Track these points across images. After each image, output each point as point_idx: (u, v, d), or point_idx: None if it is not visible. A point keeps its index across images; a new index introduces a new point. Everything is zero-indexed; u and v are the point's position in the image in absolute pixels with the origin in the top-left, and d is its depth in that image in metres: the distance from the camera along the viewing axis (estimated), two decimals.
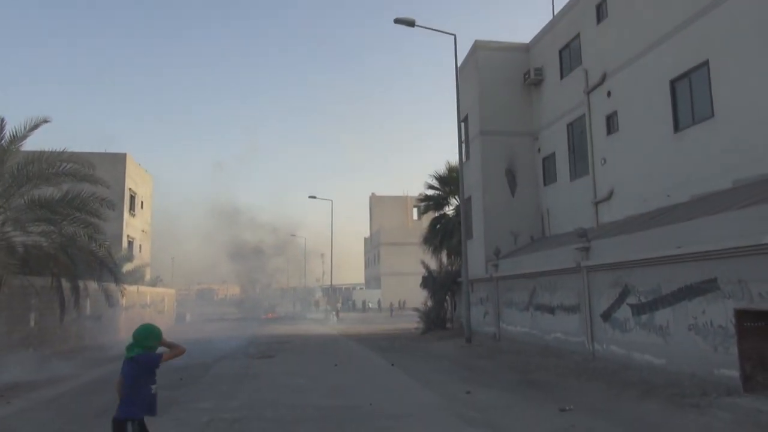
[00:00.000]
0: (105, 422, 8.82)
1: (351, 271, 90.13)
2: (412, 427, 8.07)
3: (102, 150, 39.76)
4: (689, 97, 14.06)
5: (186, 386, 12.13)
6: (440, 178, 28.12)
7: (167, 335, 5.39)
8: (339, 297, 64.50)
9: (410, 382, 12.38)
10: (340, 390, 11.31)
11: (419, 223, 52.29)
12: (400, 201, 77.83)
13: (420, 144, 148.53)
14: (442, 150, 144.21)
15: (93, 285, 20.82)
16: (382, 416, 8.72)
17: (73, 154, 18.80)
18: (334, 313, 50.03)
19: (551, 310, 16.37)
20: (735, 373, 8.65)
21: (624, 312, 12.53)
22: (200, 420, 8.61)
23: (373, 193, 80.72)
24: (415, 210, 66.96)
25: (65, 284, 18.43)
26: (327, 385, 11.96)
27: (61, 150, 17.95)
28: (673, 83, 14.56)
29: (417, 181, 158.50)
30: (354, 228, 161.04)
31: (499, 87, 22.88)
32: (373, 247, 77.20)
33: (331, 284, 58.63)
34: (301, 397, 10.49)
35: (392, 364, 15.65)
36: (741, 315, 8.36)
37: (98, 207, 17.84)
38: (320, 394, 10.93)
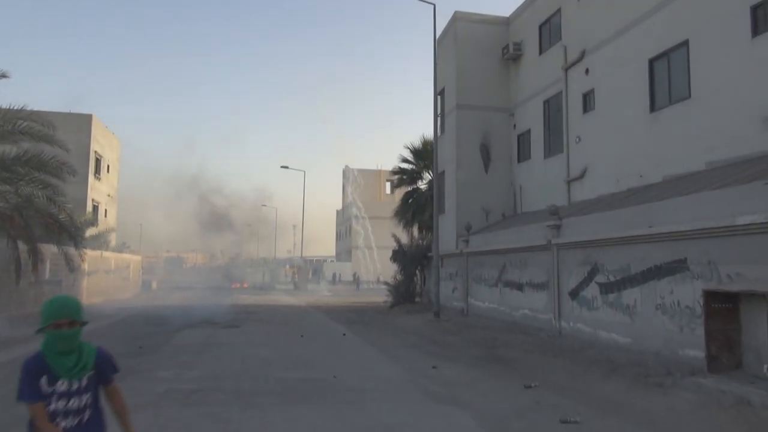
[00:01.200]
0: None
1: (322, 244, 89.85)
2: (376, 400, 7.90)
3: (67, 110, 38.46)
4: (667, 77, 13.95)
5: (145, 354, 11.76)
6: (415, 152, 27.83)
7: (131, 302, 4.55)
8: (309, 269, 64.09)
9: (377, 355, 12.24)
10: (304, 362, 11.10)
11: (392, 197, 52.10)
12: (374, 174, 77.43)
13: (397, 118, 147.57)
14: (419, 124, 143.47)
15: (52, 248, 20.13)
16: (345, 389, 8.53)
17: (32, 112, 17.94)
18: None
19: (520, 287, 16.37)
20: (700, 353, 8.66)
21: (592, 290, 12.53)
22: (156, 390, 8.29)
23: (346, 166, 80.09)
24: (388, 184, 66.69)
25: (22, 247, 17.74)
26: (291, 357, 11.74)
27: (19, 107, 17.13)
28: (651, 62, 14.42)
29: (391, 156, 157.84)
30: (327, 201, 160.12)
31: (477, 60, 22.53)
32: (344, 220, 76.89)
33: (302, 256, 58.28)
34: (264, 369, 10.25)
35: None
36: (709, 296, 8.33)
37: (58, 168, 17.11)
38: (284, 365, 10.71)
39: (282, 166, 51.53)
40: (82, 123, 38.50)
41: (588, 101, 17.32)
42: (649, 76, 14.48)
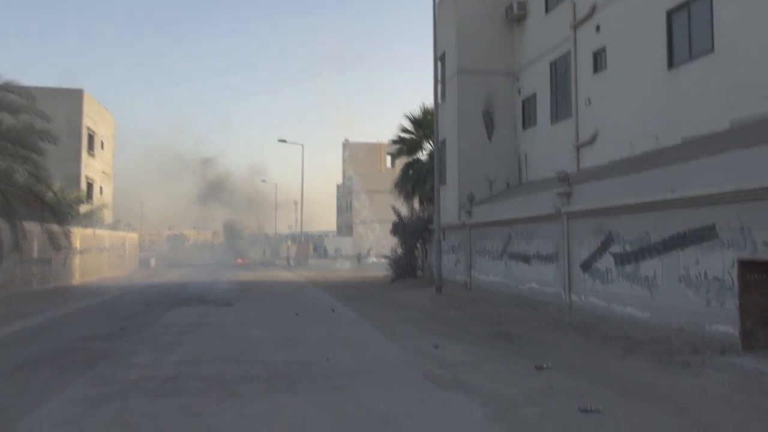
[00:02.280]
0: (21, 376, 7.71)
1: (323, 218, 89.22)
2: (372, 386, 7.08)
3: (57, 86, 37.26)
4: (687, 30, 12.84)
5: (125, 336, 10.94)
6: (414, 121, 26.76)
7: (126, 280, 3.73)
8: (310, 243, 63.37)
9: (375, 333, 11.44)
10: (297, 342, 10.30)
11: (392, 170, 51.11)
12: (374, 147, 76.26)
13: (397, 88, 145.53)
14: (419, 94, 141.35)
15: (36, 227, 19.29)
16: (339, 373, 7.72)
17: (8, 83, 16.98)
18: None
19: (527, 259, 15.51)
20: (731, 329, 7.82)
21: (606, 261, 11.65)
22: (128, 378, 7.46)
23: (346, 139, 78.91)
24: (388, 158, 65.58)
25: (3, 225, 16.92)
26: (284, 337, 10.94)
27: None
28: (669, 14, 13.29)
29: (391, 128, 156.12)
30: (328, 176, 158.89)
31: (479, 22, 21.34)
32: (345, 194, 75.95)
33: (302, 231, 57.56)
34: (251, 351, 9.44)
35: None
36: (745, 266, 7.45)
37: (36, 138, 16.17)
38: (275, 346, 9.90)
39: (280, 140, 50.81)
40: (73, 98, 37.38)
41: (599, 60, 16.22)
42: (667, 30, 13.36)
